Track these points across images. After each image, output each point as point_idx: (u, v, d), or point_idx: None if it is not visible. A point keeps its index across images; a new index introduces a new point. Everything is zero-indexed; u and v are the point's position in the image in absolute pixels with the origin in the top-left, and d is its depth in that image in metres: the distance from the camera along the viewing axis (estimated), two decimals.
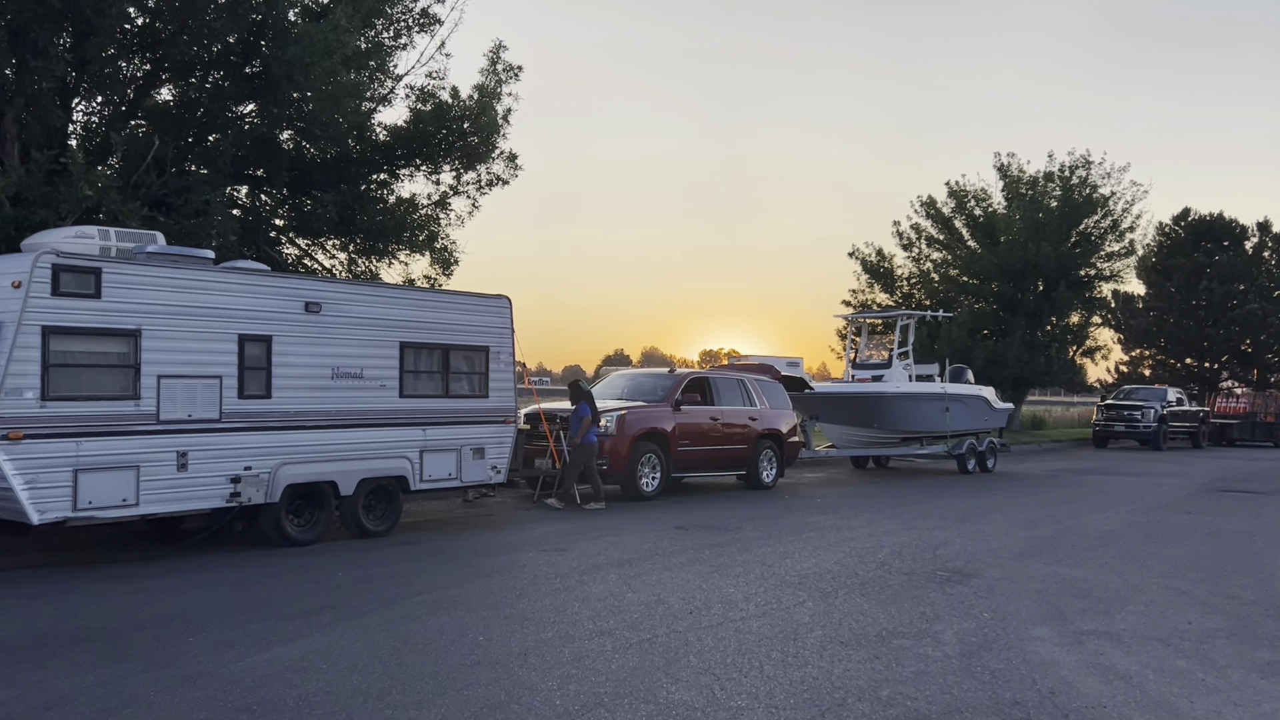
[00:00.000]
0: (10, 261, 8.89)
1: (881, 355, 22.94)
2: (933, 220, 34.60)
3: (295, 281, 10.86)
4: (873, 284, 34.73)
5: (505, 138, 15.22)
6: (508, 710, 5.27)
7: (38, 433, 8.53)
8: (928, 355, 27.58)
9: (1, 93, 11.38)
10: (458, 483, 12.17)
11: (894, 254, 34.89)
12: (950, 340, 30.69)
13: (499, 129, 15.01)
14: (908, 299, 33.90)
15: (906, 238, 34.92)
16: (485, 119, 14.70)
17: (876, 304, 34.26)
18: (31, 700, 5.27)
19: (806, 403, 20.25)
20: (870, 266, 34.54)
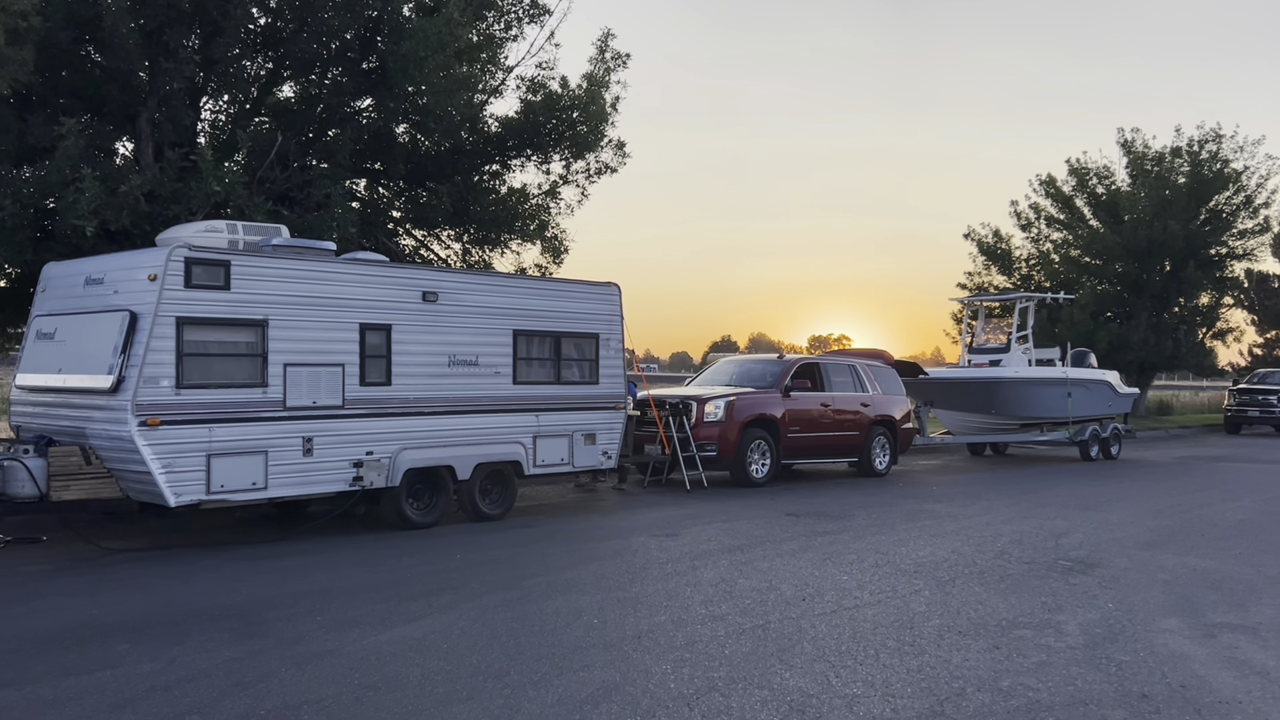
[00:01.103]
0: (146, 256, 9.33)
1: (999, 339, 22.34)
2: (1052, 199, 33.49)
3: (413, 271, 11.13)
4: (989, 266, 33.81)
5: (614, 126, 15.30)
6: (623, 692, 5.33)
7: (173, 419, 8.95)
8: (1048, 339, 26.75)
9: (137, 94, 11.93)
10: (570, 468, 12.33)
11: (1012, 235, 33.91)
12: (1072, 323, 29.71)
13: (607, 117, 15.08)
14: (1026, 281, 32.92)
15: (1025, 218, 33.90)
16: (594, 108, 14.79)
17: (994, 286, 33.37)
18: (173, 673, 5.54)
19: (921, 388, 19.88)
20: (987, 248, 33.63)
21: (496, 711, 5.00)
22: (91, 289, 9.57)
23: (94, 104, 12.10)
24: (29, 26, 10.26)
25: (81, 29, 11.40)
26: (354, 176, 14.48)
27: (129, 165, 12.25)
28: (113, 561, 8.83)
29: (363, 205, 14.66)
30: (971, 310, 24.95)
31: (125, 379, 8.81)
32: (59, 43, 11.14)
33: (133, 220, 11.18)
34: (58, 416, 9.56)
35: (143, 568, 8.58)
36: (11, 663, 5.71)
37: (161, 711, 4.93)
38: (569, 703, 5.15)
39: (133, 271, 9.21)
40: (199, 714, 4.90)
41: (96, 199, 10.66)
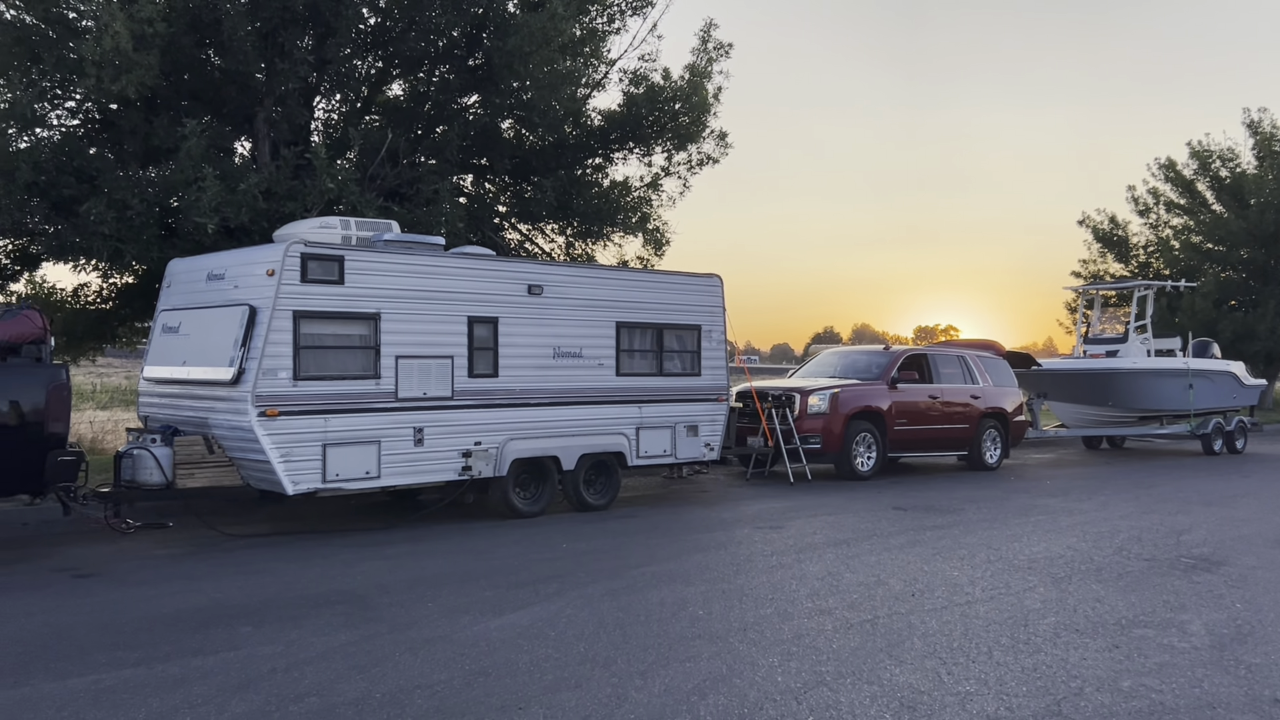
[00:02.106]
0: (264, 252, 9.65)
1: (1116, 329, 21.62)
2: (1172, 184, 32.15)
3: (518, 265, 11.28)
4: (1105, 253, 32.66)
5: (716, 116, 15.23)
6: (730, 684, 5.32)
7: (291, 410, 9.24)
8: (1168, 328, 25.75)
9: (254, 95, 12.34)
10: (672, 459, 12.35)
11: (1129, 221, 32.69)
12: (1193, 312, 28.50)
13: (710, 108, 15.02)
14: (1144, 268, 31.72)
15: (1143, 203, 32.63)
16: (696, 99, 14.75)
17: (1110, 274, 32.25)
18: (293, 656, 5.73)
19: (1033, 380, 19.34)
20: (1102, 235, 32.50)
21: (604, 700, 5.04)
22: (213, 284, 9.95)
23: (214, 105, 12.56)
24: (154, 32, 10.71)
25: (202, 33, 11.83)
26: (461, 172, 14.73)
27: (247, 164, 12.69)
28: (234, 547, 9.18)
29: (469, 200, 14.91)
30: (1087, 299, 24.16)
31: (245, 371, 9.13)
32: (182, 47, 11.59)
33: (251, 217, 11.57)
34: (182, 407, 9.96)
35: (263, 553, 8.89)
36: (142, 642, 5.97)
37: (283, 692, 5.10)
38: (675, 693, 5.16)
39: (252, 267, 9.54)
40: (317, 696, 5.05)
41: (217, 197, 11.07)
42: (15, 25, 11.68)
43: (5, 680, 5.22)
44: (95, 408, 22.19)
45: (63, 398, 8.31)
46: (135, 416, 11.61)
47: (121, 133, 12.14)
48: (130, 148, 12.07)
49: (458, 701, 5.00)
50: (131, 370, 36.24)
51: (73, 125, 12.84)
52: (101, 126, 12.81)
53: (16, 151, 11.31)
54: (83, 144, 12.34)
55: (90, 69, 10.67)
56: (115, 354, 18.19)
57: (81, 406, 19.89)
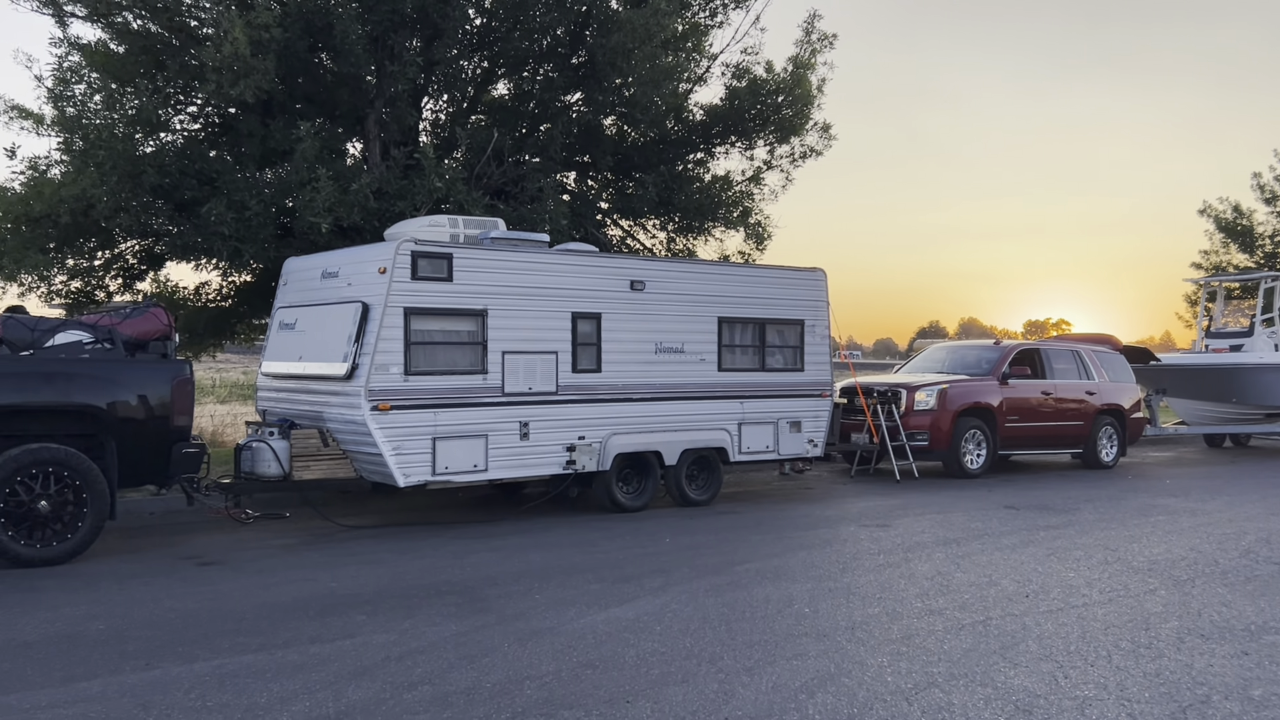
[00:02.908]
0: (376, 250, 9.89)
1: (1241, 322, 20.71)
2: None
3: (621, 261, 11.33)
4: (1228, 243, 31.21)
5: (819, 108, 15.06)
6: (838, 683, 5.26)
7: (402, 404, 9.46)
8: None
9: (365, 97, 12.65)
10: (775, 455, 12.26)
11: (1254, 209, 31.17)
12: None
13: (813, 100, 14.86)
14: (1271, 259, 30.27)
15: (1269, 190, 31.09)
16: (799, 91, 14.61)
17: (1233, 266, 30.86)
18: (405, 645, 5.86)
19: (1152, 375, 18.66)
20: (1225, 224, 31.07)
21: (711, 695, 5.03)
22: (327, 282, 10.23)
23: (327, 108, 12.91)
24: (271, 38, 11.06)
25: (315, 37, 12.18)
26: (564, 169, 14.86)
27: (358, 165, 13.02)
28: (348, 537, 9.43)
29: (572, 197, 15.03)
30: (1208, 291, 23.20)
31: (359, 366, 9.38)
32: (296, 51, 11.94)
33: (363, 217, 11.88)
34: (298, 401, 10.28)
35: (375, 544, 9.12)
36: (263, 628, 6.18)
37: (397, 680, 5.22)
38: (783, 690, 5.12)
39: (364, 265, 9.79)
40: (430, 684, 5.16)
41: (331, 197, 11.38)
42: (142, 34, 12.21)
43: (138, 663, 5.46)
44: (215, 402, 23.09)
45: (187, 392, 8.65)
46: (254, 410, 12.02)
47: (240, 136, 12.58)
48: (248, 150, 12.49)
49: (566, 693, 5.04)
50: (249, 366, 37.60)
51: (194, 129, 13.38)
52: (221, 130, 13.31)
53: (143, 155, 11.82)
54: (203, 147, 12.84)
55: (211, 75, 11.09)
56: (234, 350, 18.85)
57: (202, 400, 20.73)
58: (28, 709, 4.74)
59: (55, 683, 5.12)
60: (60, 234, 12.13)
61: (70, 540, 7.92)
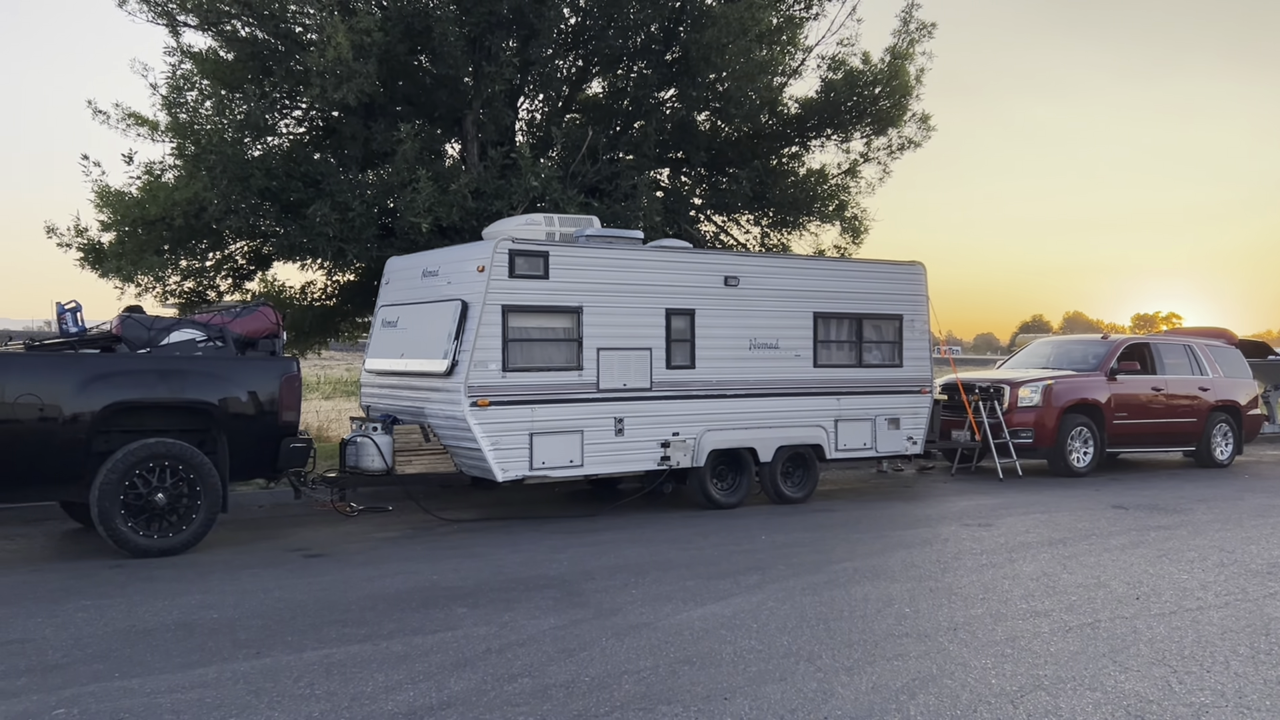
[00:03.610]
0: (474, 249, 10.04)
1: None
2: None
3: (715, 256, 11.30)
4: None
5: (918, 99, 14.82)
6: (940, 684, 5.16)
7: (500, 400, 9.60)
8: None
9: (463, 98, 12.85)
10: (872, 453, 12.09)
11: None
12: None
13: (911, 91, 14.61)
14: None
15: None
16: (897, 82, 14.38)
17: None
18: (506, 638, 5.95)
19: (1270, 371, 17.88)
20: None
21: (810, 694, 4.99)
22: (428, 280, 10.43)
23: (426, 110, 13.16)
24: (372, 42, 11.32)
25: (415, 40, 12.41)
26: (658, 166, 14.88)
27: (457, 165, 13.24)
28: (449, 531, 9.61)
29: (666, 193, 15.05)
30: None
31: (458, 363, 9.54)
32: (396, 55, 12.20)
33: (461, 216, 12.07)
34: (401, 397, 10.51)
35: (475, 537, 9.27)
36: (368, 619, 6.34)
37: (498, 672, 5.30)
38: (883, 691, 5.05)
39: (463, 264, 9.95)
40: (530, 677, 5.22)
41: (430, 198, 11.60)
42: (249, 42, 12.60)
43: (249, 650, 5.65)
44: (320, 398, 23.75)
45: (294, 388, 8.91)
46: (358, 406, 12.33)
47: (343, 138, 12.89)
48: (351, 152, 12.80)
49: (663, 689, 5.06)
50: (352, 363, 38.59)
51: (299, 133, 13.76)
52: (325, 133, 13.66)
53: (251, 159, 12.21)
54: (308, 150, 13.20)
55: (315, 79, 11.39)
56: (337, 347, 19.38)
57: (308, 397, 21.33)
58: (149, 693, 4.94)
59: (174, 668, 5.32)
60: (174, 236, 12.60)
61: (185, 532, 8.23)
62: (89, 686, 5.01)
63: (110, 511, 7.92)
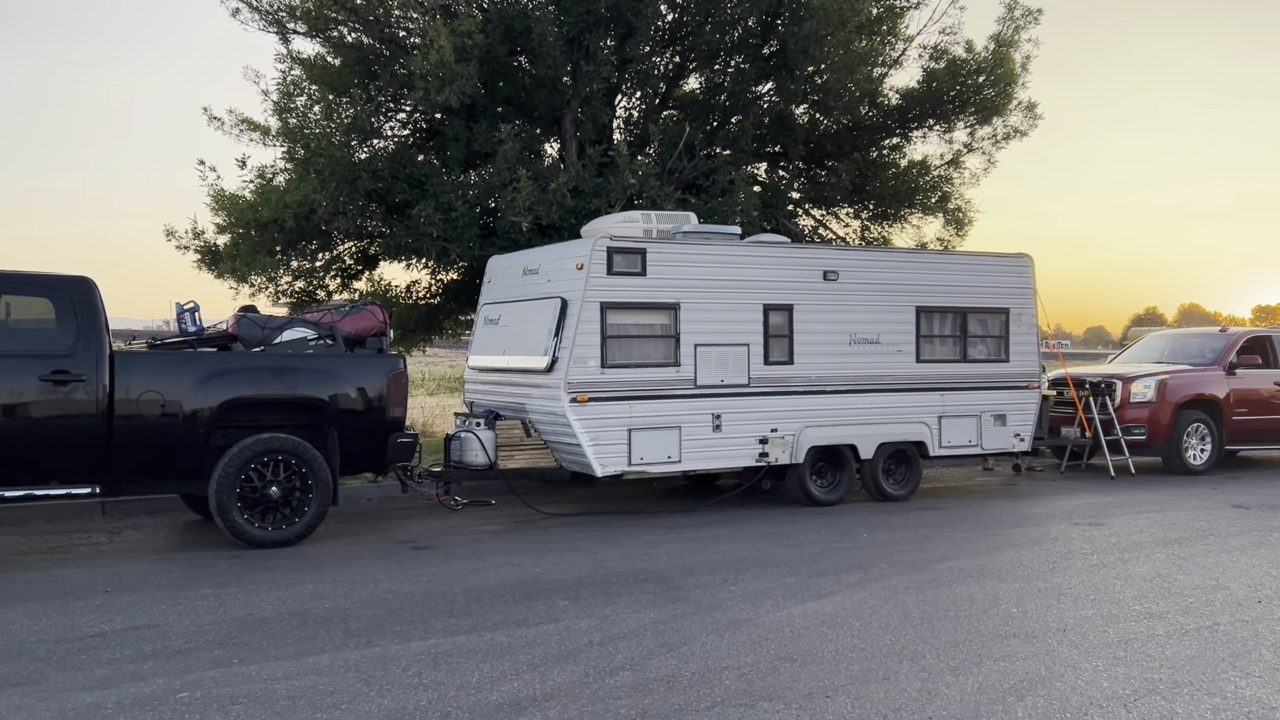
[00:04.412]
0: (573, 247, 10.15)
1: None
2: None
3: (813, 251, 11.20)
4: None
5: (1024, 87, 14.45)
6: (1049, 686, 5.04)
7: (599, 396, 9.68)
8: None
9: (561, 97, 13.00)
10: (978, 449, 11.84)
11: None
12: None
13: (1017, 79, 14.25)
14: None
15: None
16: (1002, 70, 14.04)
17: None
18: (606, 631, 6.01)
19: None
20: None
21: (914, 694, 4.92)
22: (528, 278, 10.58)
23: (526, 110, 13.34)
24: (473, 44, 11.52)
25: (514, 42, 12.60)
26: (755, 161, 14.82)
27: (555, 164, 13.39)
28: (550, 524, 9.74)
29: (763, 188, 14.98)
30: None
31: (558, 359, 9.66)
32: (496, 56, 12.39)
33: (560, 215, 12.20)
34: (503, 393, 10.69)
35: (575, 531, 9.38)
36: (472, 611, 6.47)
37: (599, 665, 5.36)
38: (990, 692, 4.96)
39: (562, 262, 10.07)
40: (630, 670, 5.27)
41: (530, 197, 11.76)
42: (355, 47, 12.94)
43: (360, 640, 5.83)
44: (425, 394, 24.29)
45: (401, 385, 9.13)
46: (461, 402, 12.57)
47: (445, 140, 13.15)
48: (453, 153, 13.04)
49: (764, 685, 5.05)
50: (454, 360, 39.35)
51: (403, 135, 14.07)
52: (428, 135, 13.95)
53: (358, 162, 12.54)
54: (412, 152, 13.49)
55: (419, 82, 11.65)
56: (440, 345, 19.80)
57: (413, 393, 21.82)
58: (265, 679, 5.14)
59: (288, 655, 5.52)
60: (285, 238, 13.03)
61: (298, 524, 8.52)
62: (210, 671, 5.23)
63: (228, 504, 8.24)
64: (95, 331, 7.92)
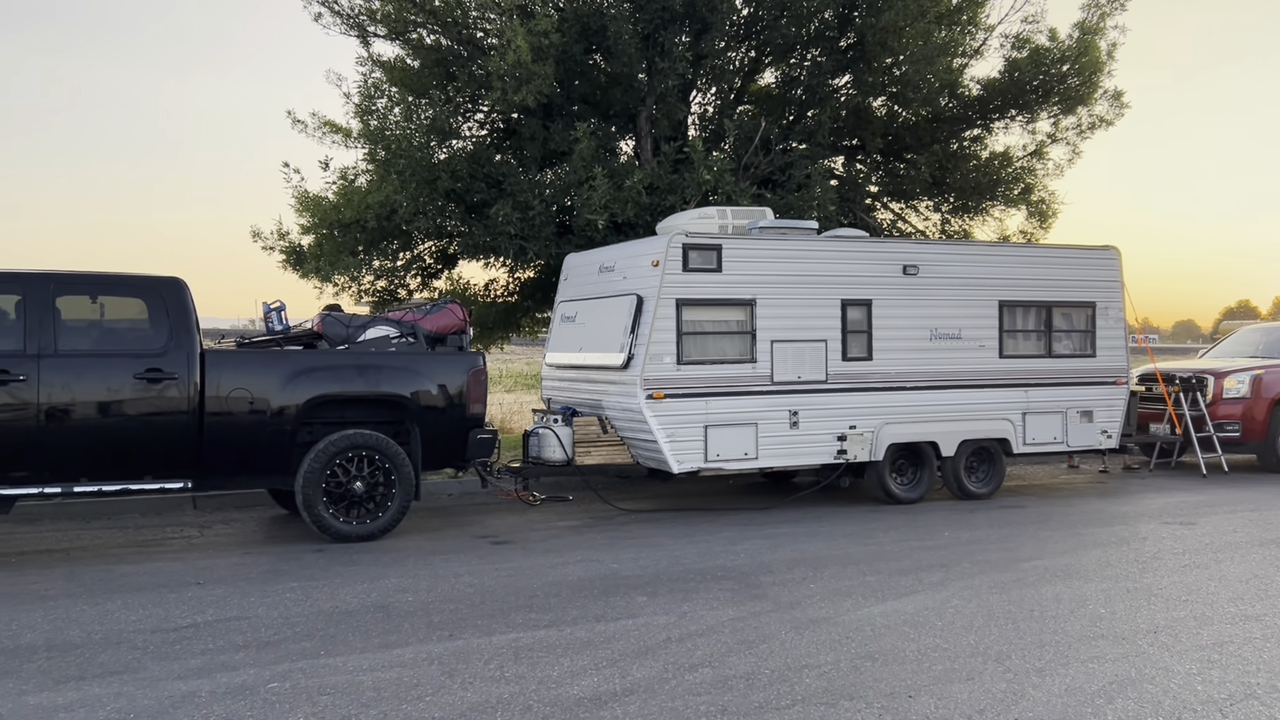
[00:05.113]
0: (649, 244, 10.17)
1: None
2: None
3: (892, 245, 11.06)
4: None
5: (1110, 75, 14.10)
6: (1140, 689, 4.92)
7: (675, 393, 9.69)
8: None
9: (636, 95, 13.02)
10: (1063, 447, 11.57)
11: None
12: None
13: (1103, 67, 13.92)
14: None
15: None
16: (1087, 59, 13.71)
17: None
18: (685, 628, 6.01)
19: None
20: None
21: (999, 695, 4.84)
22: (604, 276, 10.63)
23: (601, 108, 13.39)
24: (550, 43, 11.61)
25: (590, 40, 12.66)
26: (832, 154, 14.70)
27: (631, 162, 13.42)
28: (627, 520, 9.77)
29: (840, 182, 14.84)
30: None
31: (634, 356, 9.69)
32: (572, 55, 12.47)
33: (636, 212, 12.23)
34: (579, 390, 10.75)
35: (652, 528, 9.39)
36: (552, 605, 6.53)
37: (678, 661, 5.36)
38: (1079, 694, 4.85)
39: (638, 259, 10.09)
40: (710, 667, 5.27)
41: (606, 195, 11.81)
42: (434, 49, 13.13)
43: (443, 633, 5.92)
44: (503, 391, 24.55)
45: (481, 382, 9.25)
46: (538, 399, 12.68)
47: (522, 139, 13.28)
48: (530, 153, 13.16)
49: (845, 684, 5.01)
50: (531, 357, 39.70)
51: (481, 135, 14.24)
52: (505, 135, 14.09)
53: (437, 163, 12.73)
54: (490, 152, 13.64)
55: (496, 82, 11.77)
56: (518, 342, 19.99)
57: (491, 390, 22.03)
58: (352, 670, 5.25)
59: (373, 648, 5.63)
60: (367, 238, 13.27)
61: (381, 518, 8.68)
62: (298, 663, 5.36)
63: (313, 498, 8.44)
64: (186, 330, 8.16)
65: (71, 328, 7.91)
